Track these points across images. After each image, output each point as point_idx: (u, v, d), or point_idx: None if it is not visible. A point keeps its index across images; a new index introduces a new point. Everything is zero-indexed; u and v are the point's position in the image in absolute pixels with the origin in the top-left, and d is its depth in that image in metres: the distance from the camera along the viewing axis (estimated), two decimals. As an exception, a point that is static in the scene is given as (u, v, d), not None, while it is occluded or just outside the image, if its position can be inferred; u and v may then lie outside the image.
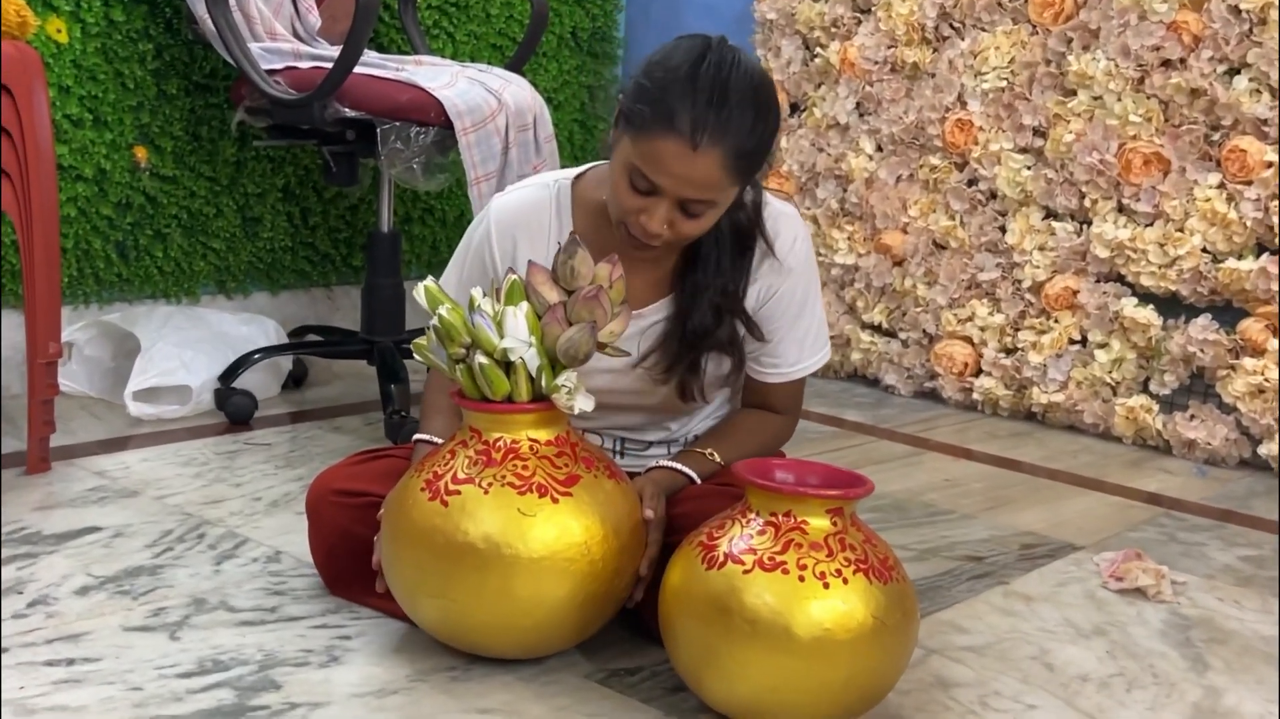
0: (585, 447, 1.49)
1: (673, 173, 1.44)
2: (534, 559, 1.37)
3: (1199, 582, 1.92)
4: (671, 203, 1.48)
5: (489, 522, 1.38)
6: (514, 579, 1.38)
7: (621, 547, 1.43)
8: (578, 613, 1.42)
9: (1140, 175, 2.61)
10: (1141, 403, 2.67)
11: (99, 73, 2.60)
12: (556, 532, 1.38)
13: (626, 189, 1.49)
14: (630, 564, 1.46)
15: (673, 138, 1.43)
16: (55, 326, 2.08)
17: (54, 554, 1.76)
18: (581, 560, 1.39)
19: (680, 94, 1.43)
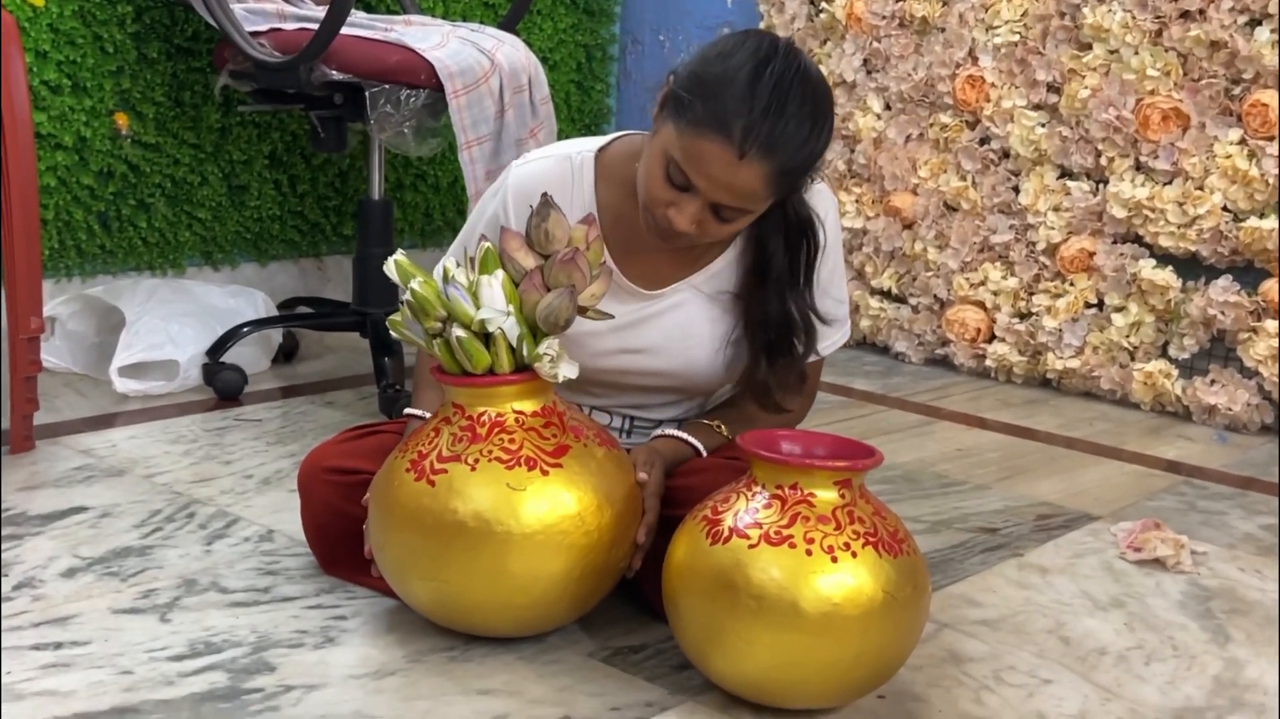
0: (573, 415, 1.48)
1: (713, 177, 1.43)
2: (527, 535, 1.38)
3: (1219, 551, 1.93)
4: (704, 204, 1.46)
5: (478, 499, 1.38)
6: (508, 556, 1.38)
7: (616, 516, 1.43)
8: (575, 587, 1.42)
9: (1158, 132, 2.60)
10: (1160, 368, 2.67)
11: (77, 37, 2.59)
12: (548, 505, 1.38)
13: (660, 179, 1.47)
14: (627, 534, 1.46)
15: (720, 141, 1.41)
16: (36, 301, 2.08)
17: (39, 535, 1.76)
18: (576, 533, 1.39)
19: (737, 97, 1.40)
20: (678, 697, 1.40)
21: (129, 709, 1.31)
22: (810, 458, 1.37)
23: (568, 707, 1.37)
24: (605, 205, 1.61)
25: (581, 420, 1.49)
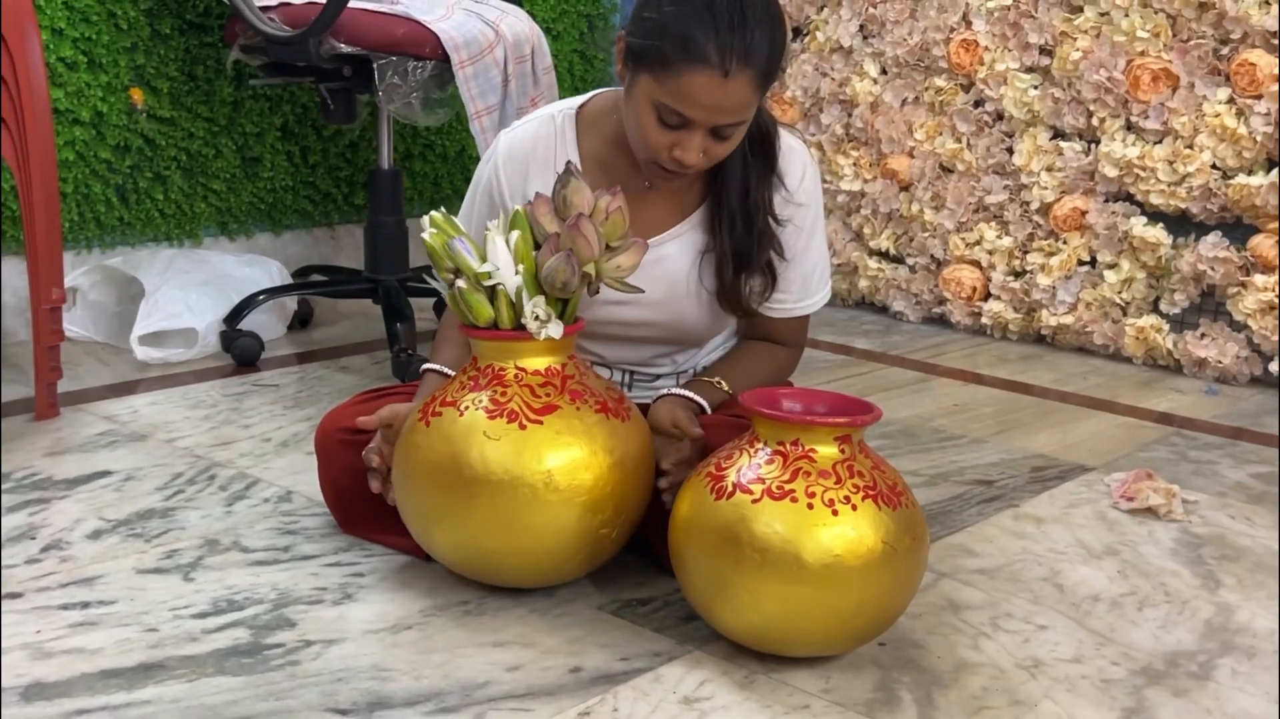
0: (582, 380, 1.47)
1: (706, 104, 1.44)
2: (493, 482, 1.39)
3: (1210, 500, 1.93)
4: (704, 132, 1.47)
5: (458, 442, 1.40)
6: (477, 499, 1.40)
7: (598, 479, 1.41)
8: (553, 540, 1.42)
9: (1148, 92, 2.58)
10: (1151, 323, 2.67)
11: (91, 14, 2.58)
12: (519, 456, 1.39)
13: (655, 127, 1.48)
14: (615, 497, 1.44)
15: (702, 71, 1.41)
16: (58, 272, 2.08)
17: (65, 499, 1.77)
18: (536, 488, 1.39)
19: (701, 24, 1.41)
20: (684, 647, 1.40)
21: (155, 665, 1.32)
22: (811, 414, 1.37)
23: (579, 657, 1.37)
24: (588, 157, 1.63)
25: (590, 387, 1.47)
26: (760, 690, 1.32)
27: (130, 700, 1.25)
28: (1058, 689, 1.35)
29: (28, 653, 1.34)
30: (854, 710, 1.29)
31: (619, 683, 1.32)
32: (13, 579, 1.51)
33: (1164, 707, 1.32)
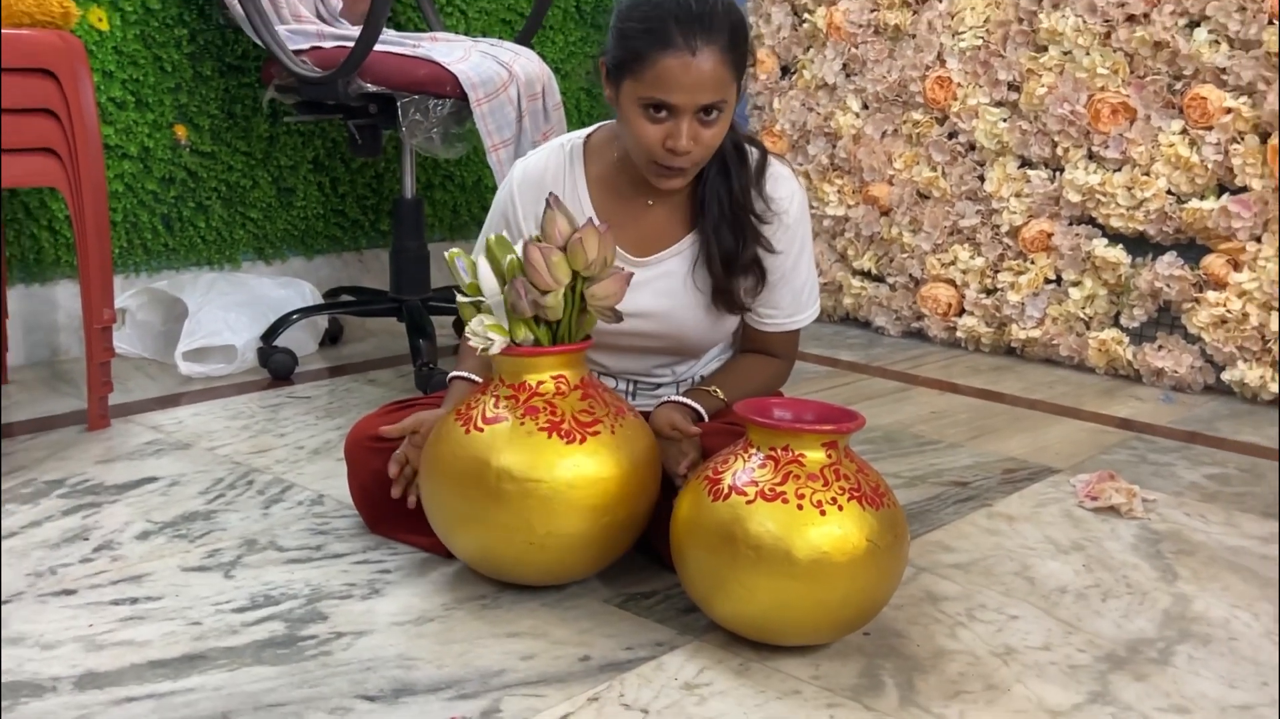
0: (593, 393, 1.46)
1: (684, 84, 1.45)
2: (510, 486, 1.39)
3: (1168, 499, 1.92)
4: (690, 116, 1.48)
5: (480, 450, 1.41)
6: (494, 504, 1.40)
7: (606, 486, 1.41)
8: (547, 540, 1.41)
9: (1108, 124, 2.59)
10: (1113, 335, 2.66)
11: (139, 58, 2.59)
12: (531, 464, 1.39)
13: (645, 124, 1.49)
14: (640, 495, 1.45)
15: (670, 53, 1.44)
16: (108, 294, 2.08)
17: (116, 503, 1.77)
18: (551, 493, 1.39)
19: (662, 16, 1.45)
20: (685, 637, 1.40)
21: (198, 656, 1.32)
22: (800, 422, 1.37)
23: (587, 647, 1.37)
24: (595, 180, 1.64)
25: (601, 399, 1.47)
26: (755, 677, 1.32)
27: (175, 689, 1.25)
28: (1028, 674, 1.34)
29: (81, 645, 1.34)
30: (841, 695, 1.28)
31: (625, 670, 1.32)
32: (67, 577, 1.51)
33: (1126, 690, 1.32)
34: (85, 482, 1.85)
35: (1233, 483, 2.02)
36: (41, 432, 2.09)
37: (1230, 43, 2.43)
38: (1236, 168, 2.43)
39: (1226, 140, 2.45)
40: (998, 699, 1.29)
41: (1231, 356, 2.51)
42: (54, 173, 2.00)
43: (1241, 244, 2.46)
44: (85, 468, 1.92)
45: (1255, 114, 2.41)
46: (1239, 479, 2.04)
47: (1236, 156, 2.43)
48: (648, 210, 1.63)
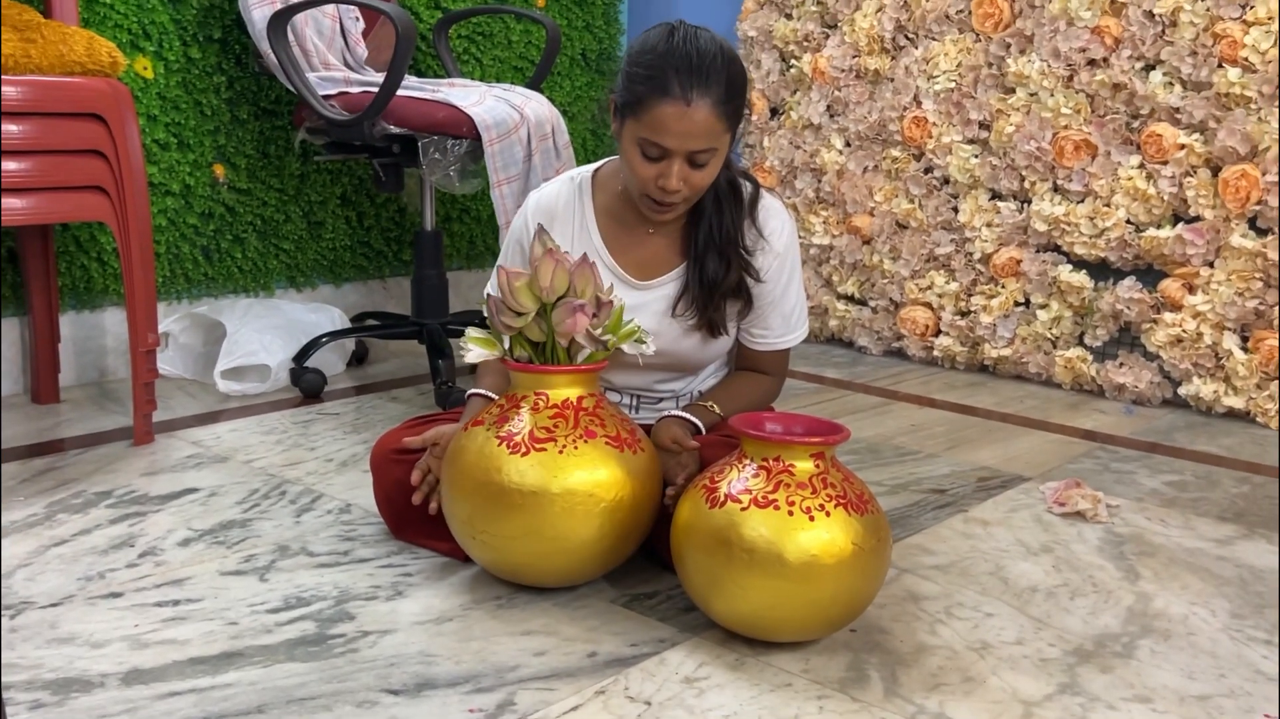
0: (602, 409, 1.46)
1: (676, 132, 1.46)
2: (525, 496, 1.38)
3: (1130, 504, 1.92)
4: (681, 159, 1.49)
5: (497, 461, 1.40)
6: (510, 513, 1.39)
7: (614, 495, 1.41)
8: (559, 546, 1.41)
9: (1072, 159, 2.59)
10: (1077, 354, 2.66)
11: (181, 103, 2.60)
12: (544, 475, 1.39)
13: (641, 162, 1.51)
14: (648, 502, 1.45)
15: (667, 102, 1.45)
16: (152, 320, 2.08)
17: (160, 513, 1.77)
18: (563, 502, 1.39)
19: (663, 66, 1.46)
20: (685, 634, 1.39)
21: (235, 654, 1.32)
22: (790, 435, 1.37)
23: (595, 644, 1.36)
24: (601, 209, 1.65)
25: (608, 415, 1.46)
26: (750, 671, 1.31)
27: (214, 684, 1.25)
28: (1003, 667, 1.34)
29: (127, 644, 1.33)
30: (830, 687, 1.28)
31: (630, 665, 1.32)
32: (115, 581, 1.51)
33: (1093, 681, 1.31)
34: (131, 493, 1.85)
35: (1190, 489, 2.02)
36: (91, 447, 2.08)
37: (1183, 84, 2.44)
38: (1190, 199, 2.44)
39: (1181, 174, 2.45)
40: (975, 690, 1.28)
41: (1187, 373, 2.51)
42: (103, 209, 2.01)
43: (1196, 269, 2.46)
44: (131, 480, 1.91)
45: (1207, 149, 2.42)
46: (1195, 486, 2.04)
47: (1190, 189, 2.43)
48: (648, 238, 1.64)
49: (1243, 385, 2.44)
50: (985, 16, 2.68)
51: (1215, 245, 2.44)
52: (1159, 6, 2.42)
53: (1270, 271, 2.37)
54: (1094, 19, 2.51)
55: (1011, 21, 2.66)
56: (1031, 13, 2.61)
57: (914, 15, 2.81)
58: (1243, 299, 2.40)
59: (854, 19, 2.90)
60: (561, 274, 1.42)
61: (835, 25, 2.98)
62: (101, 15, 2.43)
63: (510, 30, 3.26)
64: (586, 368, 1.46)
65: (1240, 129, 2.35)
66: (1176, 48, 2.41)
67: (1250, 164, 2.36)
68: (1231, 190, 2.37)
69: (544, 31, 3.23)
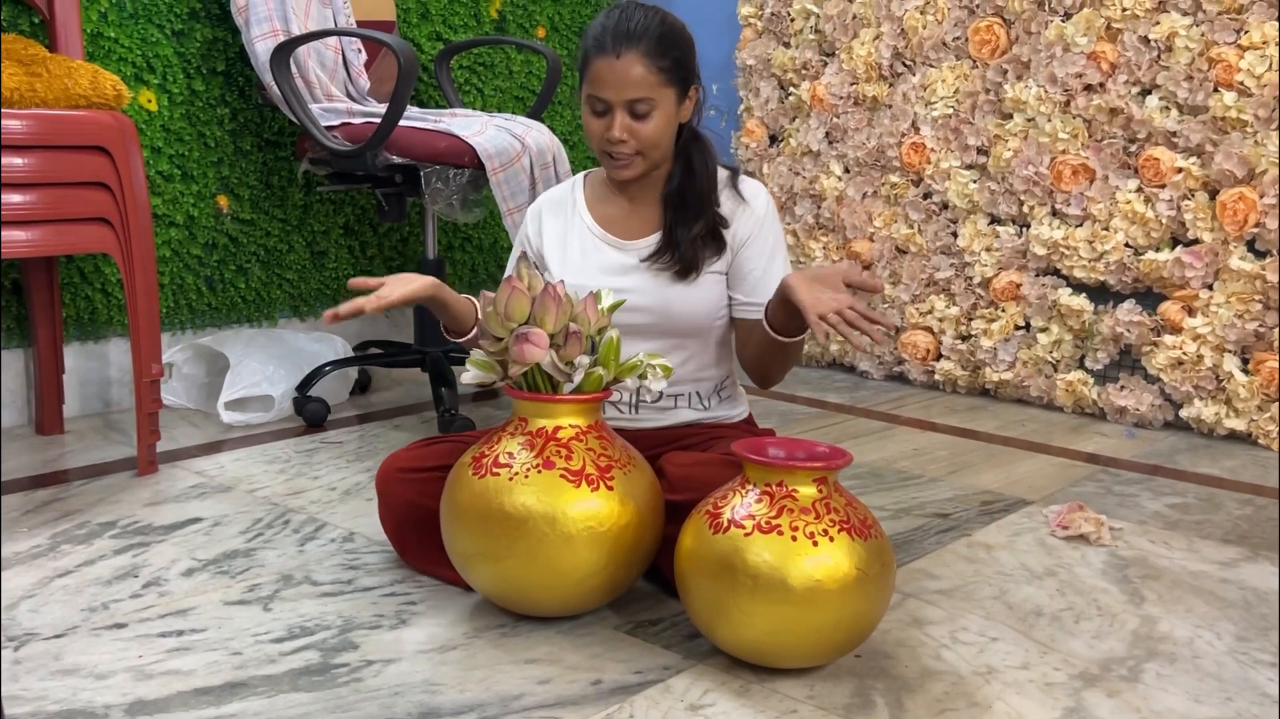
0: (605, 438, 1.46)
1: (609, 82, 1.59)
2: (527, 527, 1.37)
3: (1133, 527, 1.91)
4: (621, 110, 1.60)
5: (498, 491, 1.39)
6: (511, 544, 1.38)
7: (616, 525, 1.40)
8: (561, 577, 1.41)
9: (1070, 184, 2.60)
10: (1078, 377, 2.66)
11: (185, 134, 2.61)
12: (546, 506, 1.38)
13: (591, 119, 1.63)
14: (650, 534, 1.45)
15: (600, 57, 1.59)
16: (156, 350, 2.09)
17: (163, 542, 1.76)
18: (565, 533, 1.38)
19: (596, 29, 1.61)
20: (689, 661, 1.39)
21: (239, 684, 1.31)
22: (793, 460, 1.37)
23: (599, 671, 1.36)
24: (590, 197, 1.77)
25: (612, 444, 1.46)
26: (755, 698, 1.30)
27: (219, 714, 1.24)
28: (1008, 692, 1.33)
29: (131, 675, 1.33)
30: (835, 714, 1.27)
31: (634, 693, 1.31)
32: (119, 612, 1.50)
33: (1099, 706, 1.30)
34: (135, 523, 1.85)
35: (1192, 512, 2.01)
36: (95, 477, 2.08)
37: (1179, 109, 2.45)
38: (1188, 222, 2.44)
39: (1178, 197, 2.46)
40: (981, 716, 1.27)
41: (1188, 395, 2.50)
42: (107, 240, 2.01)
43: (1195, 291, 2.47)
44: (135, 510, 1.91)
45: (1204, 173, 2.42)
46: (1198, 508, 2.03)
47: (1188, 212, 2.44)
48: (630, 207, 1.73)
49: (1244, 407, 2.43)
50: (982, 43, 2.69)
51: (1214, 268, 2.44)
52: (1154, 32, 2.43)
53: (1269, 293, 2.37)
54: (1090, 45, 2.52)
55: (1008, 48, 2.68)
56: (1028, 39, 2.63)
57: (911, 43, 2.82)
58: (1242, 321, 2.40)
59: (852, 47, 2.92)
60: (519, 300, 1.43)
61: (833, 53, 3.00)
62: (106, 49, 2.44)
63: (511, 61, 3.28)
64: (593, 396, 1.45)
65: (1237, 152, 2.36)
66: (1172, 72, 2.42)
67: (1248, 187, 2.37)
68: (1229, 213, 2.38)
69: (544, 62, 3.25)
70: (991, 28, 2.67)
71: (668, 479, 1.54)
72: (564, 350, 1.44)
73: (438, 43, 3.07)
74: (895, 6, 2.82)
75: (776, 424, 2.45)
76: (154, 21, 2.51)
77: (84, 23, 2.38)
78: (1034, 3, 2.61)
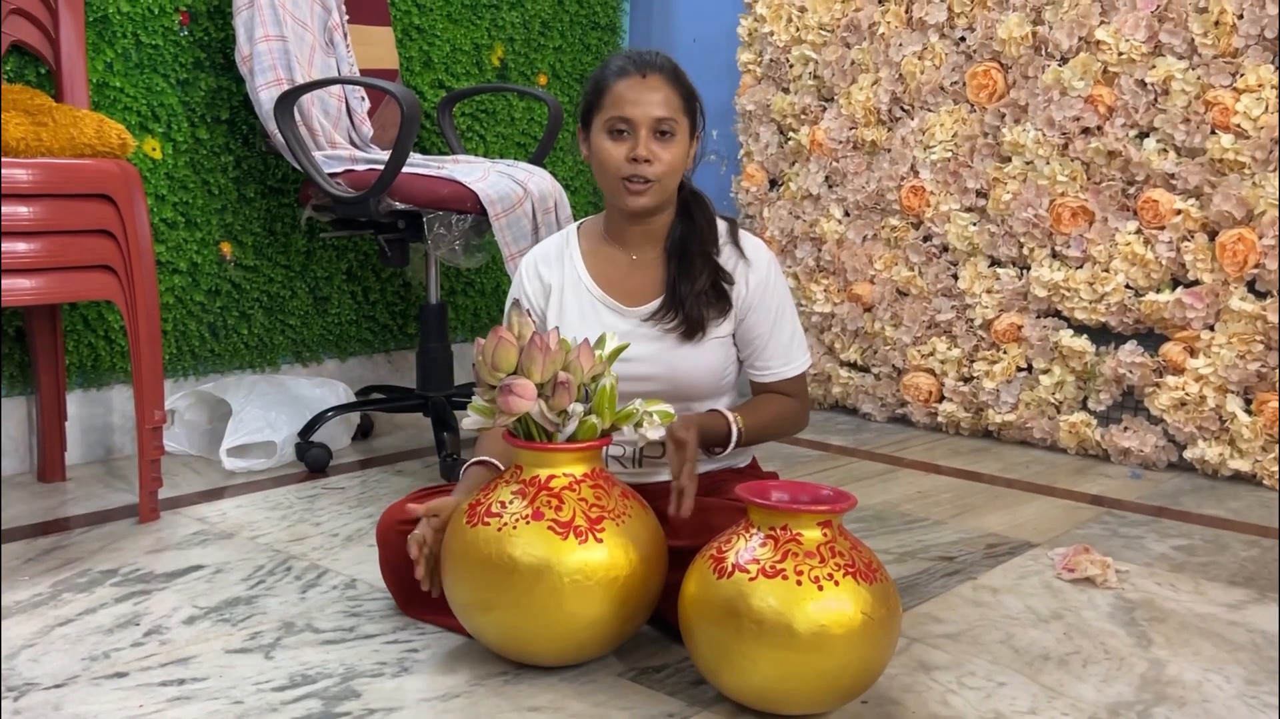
0: (606, 486, 1.45)
1: (636, 99, 1.59)
2: (528, 577, 1.36)
3: (1139, 569, 1.90)
4: (647, 130, 1.60)
5: (499, 542, 1.38)
6: (513, 594, 1.37)
7: (618, 574, 1.39)
8: (562, 626, 1.39)
9: (1069, 226, 2.61)
10: (1082, 418, 2.66)
11: (189, 182, 2.63)
12: (547, 554, 1.38)
13: (611, 145, 1.62)
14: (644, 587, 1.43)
15: (623, 78, 1.60)
16: (159, 397, 2.09)
17: (165, 590, 1.76)
18: (566, 583, 1.37)
19: (612, 62, 1.63)
20: (694, 708, 1.38)
21: (240, 733, 1.30)
22: (797, 503, 1.36)
23: (604, 719, 1.35)
24: (586, 251, 1.74)
25: (613, 492, 1.46)
26: (761, 745, 1.29)
27: (219, 765, 1.23)
28: (1017, 738, 1.32)
29: (132, 725, 1.32)
30: (842, 761, 1.26)
31: (639, 740, 1.30)
32: (119, 661, 1.49)
33: (1110, 752, 1.29)
34: (136, 570, 1.84)
35: (1198, 553, 2.00)
36: (96, 525, 2.08)
37: (1177, 151, 2.46)
38: (1188, 263, 2.45)
39: (1178, 239, 2.47)
40: (989, 762, 1.26)
41: (1192, 436, 2.50)
42: (111, 288, 2.02)
43: (1196, 333, 2.47)
44: (136, 558, 1.90)
45: (1203, 214, 2.43)
46: (1204, 550, 2.02)
47: (1188, 253, 2.45)
48: (631, 265, 1.70)
49: (1248, 448, 2.43)
50: (980, 88, 2.71)
51: (1215, 309, 2.44)
52: (1150, 75, 2.45)
53: (1271, 334, 2.38)
54: (1087, 88, 2.54)
55: (1006, 92, 2.70)
56: (1025, 83, 2.65)
57: (909, 88, 2.84)
58: (1244, 362, 2.40)
59: (850, 92, 2.94)
60: (506, 350, 1.43)
61: (832, 98, 3.02)
62: (111, 98, 2.47)
63: (513, 107, 3.31)
64: (590, 444, 1.45)
65: (1235, 194, 2.37)
66: (1169, 115, 2.44)
67: (1247, 228, 2.37)
68: (1229, 254, 2.39)
69: (546, 109, 3.27)
70: (989, 72, 2.69)
71: (670, 524, 1.53)
72: (553, 400, 1.43)
73: (440, 90, 3.09)
74: (893, 52, 2.85)
75: (780, 467, 2.44)
76: (159, 71, 2.53)
77: (90, 73, 2.40)
78: (1030, 48, 2.63)
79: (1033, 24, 2.63)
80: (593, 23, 3.54)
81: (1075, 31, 2.55)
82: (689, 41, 3.53)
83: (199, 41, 2.60)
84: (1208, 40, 2.39)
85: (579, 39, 3.50)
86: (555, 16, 3.41)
